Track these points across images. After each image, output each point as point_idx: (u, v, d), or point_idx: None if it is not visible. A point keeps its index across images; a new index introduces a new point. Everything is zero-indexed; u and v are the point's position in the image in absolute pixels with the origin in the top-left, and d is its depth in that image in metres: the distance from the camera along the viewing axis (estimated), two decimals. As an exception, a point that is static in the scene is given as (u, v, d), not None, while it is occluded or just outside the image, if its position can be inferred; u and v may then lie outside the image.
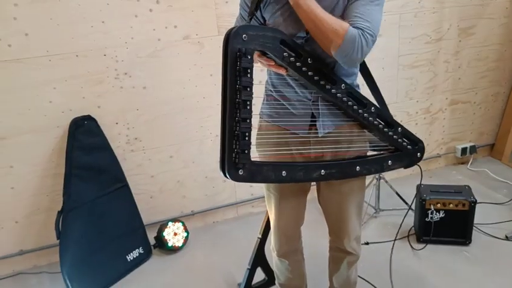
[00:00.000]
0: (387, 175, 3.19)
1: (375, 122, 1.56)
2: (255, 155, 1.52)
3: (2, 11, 2.27)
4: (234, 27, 1.32)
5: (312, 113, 1.55)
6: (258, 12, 1.52)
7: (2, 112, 2.41)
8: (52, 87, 2.47)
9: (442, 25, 3.16)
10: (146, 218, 2.77)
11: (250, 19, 1.52)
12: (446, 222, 2.53)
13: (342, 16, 1.42)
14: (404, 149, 1.63)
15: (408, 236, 2.69)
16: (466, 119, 3.53)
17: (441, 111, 3.43)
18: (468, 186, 2.61)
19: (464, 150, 3.51)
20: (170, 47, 2.63)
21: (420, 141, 1.67)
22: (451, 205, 2.50)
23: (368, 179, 2.98)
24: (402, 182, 3.18)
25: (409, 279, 2.31)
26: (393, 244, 2.26)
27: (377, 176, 2.87)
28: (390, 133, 1.58)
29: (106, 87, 2.57)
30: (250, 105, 1.33)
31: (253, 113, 1.36)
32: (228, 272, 2.50)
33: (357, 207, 1.71)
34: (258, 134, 1.67)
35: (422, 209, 2.55)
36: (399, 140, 1.61)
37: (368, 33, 1.35)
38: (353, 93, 1.51)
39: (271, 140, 1.59)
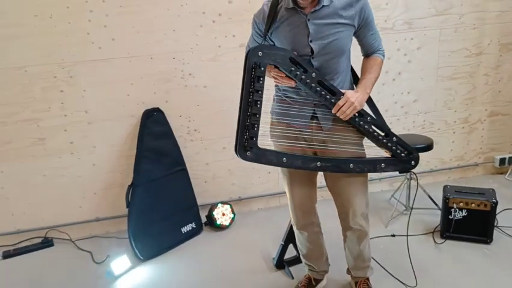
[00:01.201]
0: (422, 179, 3.44)
1: (371, 130, 1.89)
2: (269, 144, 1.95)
3: (96, 20, 2.83)
4: (253, 46, 1.74)
5: (315, 114, 1.89)
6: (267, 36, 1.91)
7: (91, 102, 2.97)
8: (130, 83, 3.00)
9: (482, 40, 3.35)
10: (200, 199, 3.22)
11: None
12: (468, 221, 2.73)
13: (358, 36, 1.89)
14: (398, 156, 1.94)
15: (433, 232, 2.90)
16: (505, 130, 3.66)
17: (480, 122, 3.59)
18: (492, 190, 2.79)
19: (502, 160, 3.64)
20: (229, 53, 3.07)
21: (415, 152, 1.97)
22: (473, 205, 2.70)
23: (399, 180, 3.25)
24: (438, 186, 3.37)
25: (427, 268, 2.55)
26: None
27: (408, 176, 3.12)
28: (384, 140, 1.92)
29: (173, 85, 3.06)
30: (260, 104, 1.74)
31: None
32: (265, 249, 2.87)
33: (362, 186, 2.01)
34: (270, 129, 2.04)
35: (445, 207, 2.77)
36: (393, 147, 1.93)
37: (383, 51, 1.98)
38: None
39: (280, 133, 1.95)
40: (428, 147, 2.91)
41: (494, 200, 2.67)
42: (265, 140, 1.97)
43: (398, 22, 3.19)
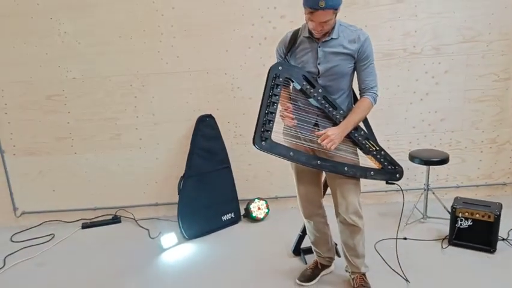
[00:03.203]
0: (449, 193, 3.70)
1: (363, 142, 2.33)
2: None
3: (165, 41, 3.52)
4: (276, 62, 2.24)
5: (317, 122, 2.34)
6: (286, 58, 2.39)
7: (157, 106, 3.66)
8: (189, 93, 3.64)
9: (510, 66, 3.56)
10: (240, 195, 3.76)
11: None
12: (473, 230, 2.99)
13: (356, 68, 2.30)
14: (385, 167, 2.37)
15: (443, 239, 3.18)
16: (536, 153, 3.79)
17: (509, 143, 3.76)
18: (499, 203, 3.01)
19: (532, 181, 3.77)
20: (272, 71, 3.59)
21: (399, 166, 2.39)
22: (477, 215, 2.96)
23: (419, 191, 3.55)
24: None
25: (425, 268, 2.86)
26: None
27: (425, 187, 3.41)
28: (374, 152, 2.35)
29: (224, 96, 3.66)
30: (277, 105, 2.21)
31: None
32: (290, 240, 3.27)
33: (355, 186, 2.40)
34: (283, 129, 2.48)
35: (453, 216, 3.04)
36: (381, 159, 2.36)
37: (375, 94, 2.32)
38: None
39: (290, 133, 2.39)
40: (443, 161, 3.20)
41: (497, 212, 2.90)
42: (278, 138, 2.43)
43: (426, 48, 3.53)
